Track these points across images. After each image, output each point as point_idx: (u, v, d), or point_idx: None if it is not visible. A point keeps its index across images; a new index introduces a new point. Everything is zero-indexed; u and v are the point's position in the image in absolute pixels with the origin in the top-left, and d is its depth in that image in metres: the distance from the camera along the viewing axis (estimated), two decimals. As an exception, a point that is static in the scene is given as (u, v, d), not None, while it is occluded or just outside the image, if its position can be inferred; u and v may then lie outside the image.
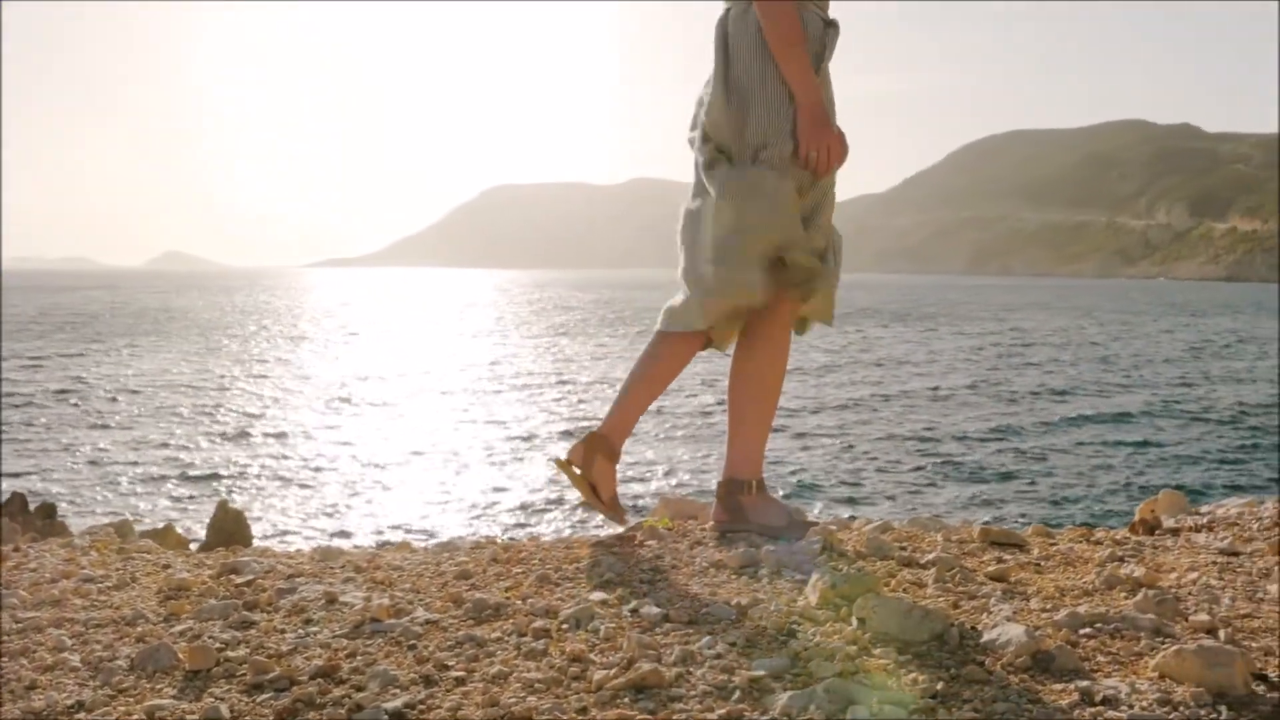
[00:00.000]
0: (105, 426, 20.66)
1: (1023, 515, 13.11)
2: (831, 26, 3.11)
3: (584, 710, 1.86)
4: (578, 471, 3.21)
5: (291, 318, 66.84)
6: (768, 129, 2.99)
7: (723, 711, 1.84)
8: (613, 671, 1.99)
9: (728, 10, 3.12)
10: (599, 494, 3.22)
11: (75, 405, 23.44)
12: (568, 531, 11.77)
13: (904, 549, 2.98)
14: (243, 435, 20.04)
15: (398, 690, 1.96)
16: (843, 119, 3.11)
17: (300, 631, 2.30)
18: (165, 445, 18.76)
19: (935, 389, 27.31)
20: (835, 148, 3.01)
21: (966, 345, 42.66)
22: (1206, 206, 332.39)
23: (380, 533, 12.68)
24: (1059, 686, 1.94)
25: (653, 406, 3.43)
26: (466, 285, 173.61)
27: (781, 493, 14.83)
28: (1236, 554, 3.17)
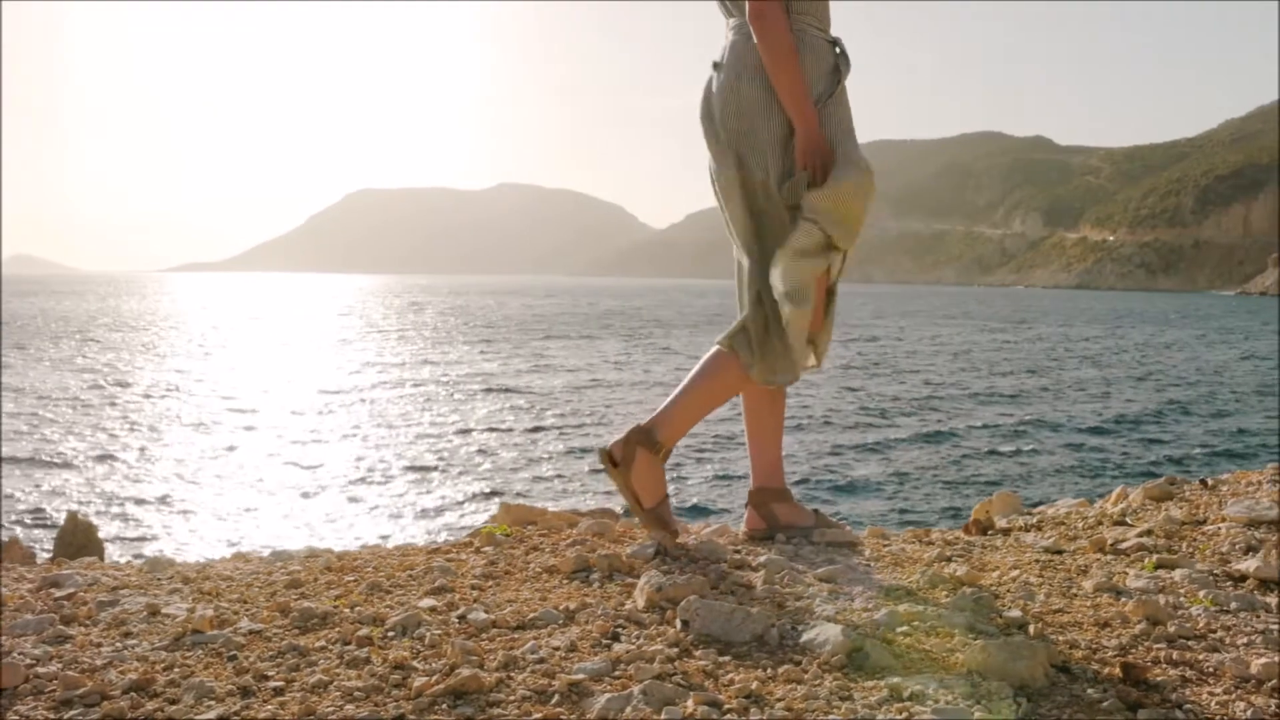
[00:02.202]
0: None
1: (875, 517, 13.38)
2: (839, 45, 3.08)
3: (401, 717, 1.85)
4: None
5: (147, 325, 64.95)
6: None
7: (540, 715, 1.85)
8: (434, 678, 1.99)
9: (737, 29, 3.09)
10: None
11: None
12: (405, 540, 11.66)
13: (738, 552, 3.02)
14: (100, 446, 19.41)
15: (213, 702, 1.92)
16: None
17: (117, 645, 2.24)
18: (21, 459, 18.07)
19: (795, 396, 27.74)
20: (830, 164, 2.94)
21: (834, 355, 43.38)
22: (1059, 217, 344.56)
23: (234, 543, 12.41)
24: (870, 683, 1.99)
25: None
26: (329, 291, 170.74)
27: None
28: (1060, 552, 3.29)
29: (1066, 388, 31.29)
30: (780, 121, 2.96)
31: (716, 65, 3.10)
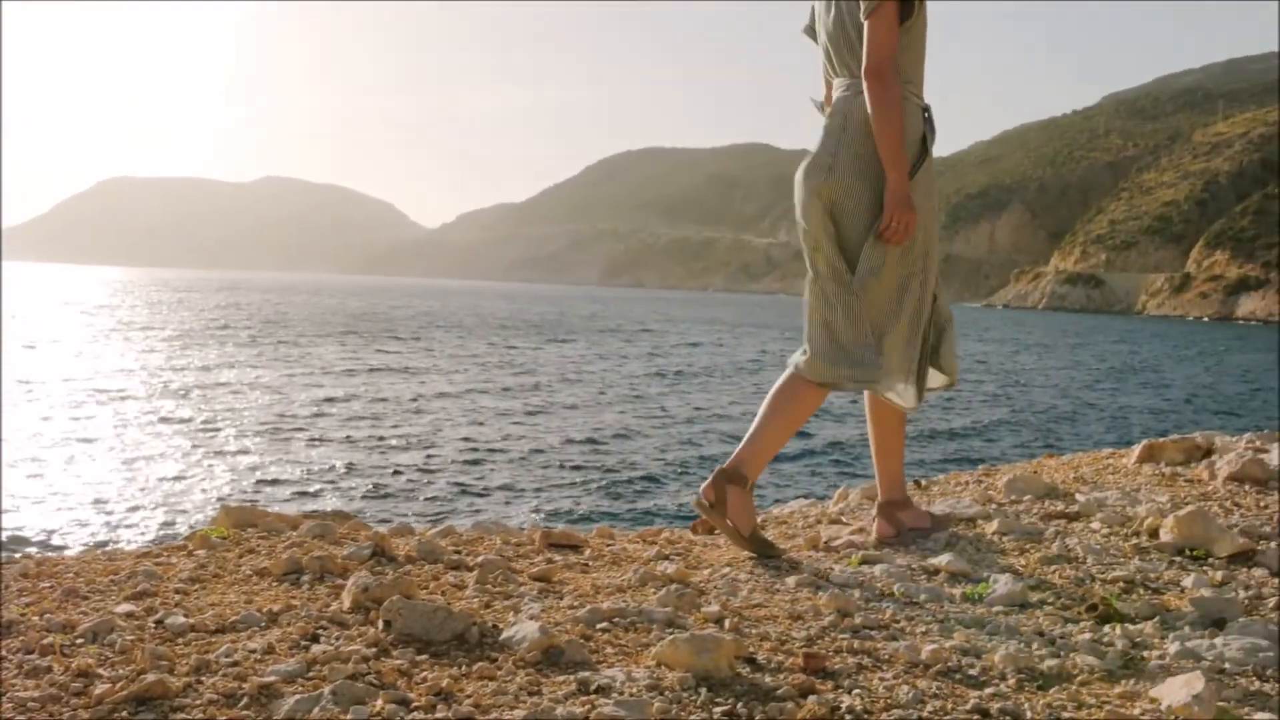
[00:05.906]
0: None
1: (623, 521, 13.57)
2: (928, 111, 3.33)
3: (76, 726, 1.80)
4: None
5: None
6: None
7: (225, 718, 1.83)
8: (118, 685, 1.93)
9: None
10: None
11: None
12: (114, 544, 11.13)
13: (458, 552, 3.05)
14: None
15: None
16: (481, 131, 3.23)
17: None
18: None
19: (576, 403, 27.91)
20: (912, 226, 3.24)
21: (615, 359, 43.84)
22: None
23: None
24: (561, 678, 2.05)
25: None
26: (75, 283, 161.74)
27: (420, 504, 14.75)
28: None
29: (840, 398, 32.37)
30: (867, 185, 3.25)
31: (827, 115, 3.37)
